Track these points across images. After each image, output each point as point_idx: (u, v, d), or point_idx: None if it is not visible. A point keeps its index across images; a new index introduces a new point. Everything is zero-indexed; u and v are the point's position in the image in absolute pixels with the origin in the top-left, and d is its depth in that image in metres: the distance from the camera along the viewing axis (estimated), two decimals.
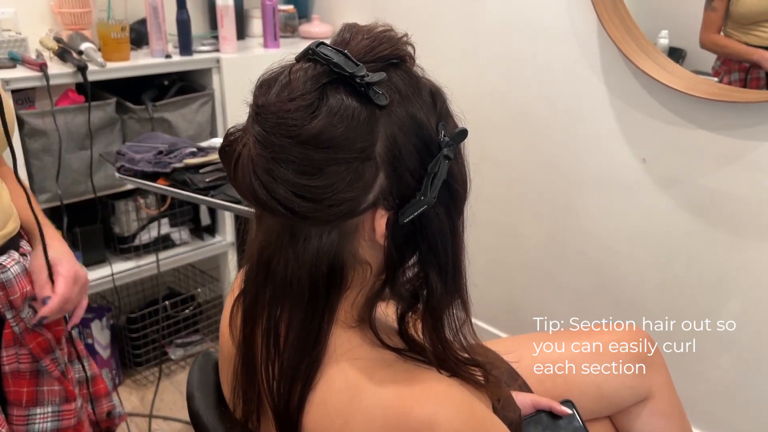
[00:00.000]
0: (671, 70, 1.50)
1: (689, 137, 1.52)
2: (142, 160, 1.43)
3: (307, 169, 0.58)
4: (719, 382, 1.62)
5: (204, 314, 2.30)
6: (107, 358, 2.02)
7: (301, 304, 0.64)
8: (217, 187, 1.38)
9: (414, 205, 0.61)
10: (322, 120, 0.57)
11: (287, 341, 0.65)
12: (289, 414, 0.65)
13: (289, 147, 0.57)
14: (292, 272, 0.63)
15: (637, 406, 1.11)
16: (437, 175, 0.61)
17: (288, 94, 0.58)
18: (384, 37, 0.62)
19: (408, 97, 0.62)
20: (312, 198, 0.58)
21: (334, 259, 0.63)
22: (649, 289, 1.70)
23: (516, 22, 1.79)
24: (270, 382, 0.66)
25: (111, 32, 1.80)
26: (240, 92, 0.64)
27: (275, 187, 0.58)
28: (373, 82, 0.58)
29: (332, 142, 0.57)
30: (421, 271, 0.66)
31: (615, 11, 1.55)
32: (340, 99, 0.58)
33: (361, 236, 0.63)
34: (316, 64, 0.59)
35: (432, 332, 0.68)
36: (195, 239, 2.14)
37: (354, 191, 0.59)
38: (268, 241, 0.65)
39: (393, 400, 0.61)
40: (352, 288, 0.66)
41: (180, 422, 1.95)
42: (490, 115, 1.90)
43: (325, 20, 2.36)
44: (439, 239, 0.65)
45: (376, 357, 0.66)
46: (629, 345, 1.09)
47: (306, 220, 0.60)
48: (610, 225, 1.74)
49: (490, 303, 2.03)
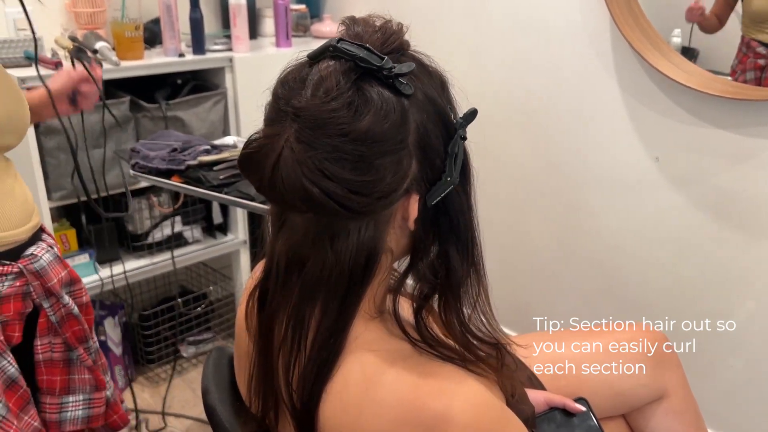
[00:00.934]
0: (685, 68, 1.49)
1: (703, 136, 1.52)
2: (156, 158, 1.44)
3: (359, 165, 0.59)
4: (731, 383, 1.61)
5: (216, 312, 2.31)
6: (120, 355, 2.03)
7: (336, 298, 0.65)
8: (231, 184, 1.38)
9: (441, 186, 0.64)
10: (370, 117, 0.58)
11: (315, 336, 0.66)
12: (307, 408, 0.65)
13: (341, 145, 0.58)
14: (331, 269, 0.64)
15: (651, 405, 1.11)
16: (458, 155, 0.64)
17: (325, 94, 0.58)
18: (389, 28, 0.65)
19: (424, 82, 0.64)
20: (365, 192, 0.59)
21: (371, 250, 0.64)
22: (659, 288, 1.69)
23: (528, 21, 1.79)
24: (290, 376, 0.67)
25: (125, 31, 1.82)
26: (252, 91, 0.65)
27: (329, 184, 0.58)
28: (403, 73, 0.60)
29: (380, 137, 0.59)
30: (442, 249, 0.68)
31: (628, 10, 1.54)
32: (378, 93, 0.59)
33: (392, 224, 0.65)
34: (340, 61, 0.60)
35: (451, 311, 0.69)
36: (207, 237, 2.15)
37: (396, 181, 0.61)
38: (302, 242, 0.65)
39: (407, 392, 0.62)
40: (377, 277, 0.67)
41: (191, 419, 1.96)
42: (500, 114, 1.90)
43: (337, 19, 2.36)
44: (459, 216, 0.67)
45: (394, 349, 0.66)
46: (644, 344, 1.08)
47: (357, 215, 0.60)
48: (621, 224, 1.73)
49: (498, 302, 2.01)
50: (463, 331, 0.70)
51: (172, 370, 2.13)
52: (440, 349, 0.68)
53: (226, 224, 2.18)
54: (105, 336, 1.99)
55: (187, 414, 1.98)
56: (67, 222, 1.89)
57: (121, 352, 2.05)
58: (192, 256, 2.09)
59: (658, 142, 1.61)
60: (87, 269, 1.88)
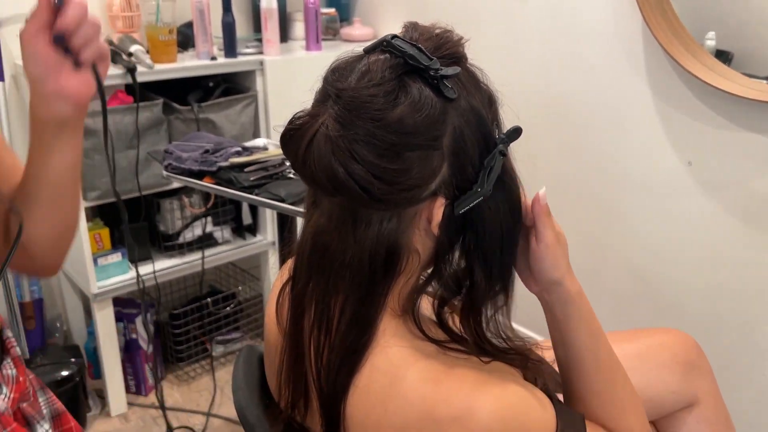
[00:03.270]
0: (721, 72, 1.47)
1: (737, 140, 1.49)
2: (189, 159, 1.47)
3: (387, 152, 0.60)
4: (765, 392, 1.58)
5: (244, 312, 2.34)
6: (150, 353, 2.07)
7: (358, 288, 0.66)
8: (262, 185, 1.40)
9: (470, 196, 0.64)
10: (405, 107, 0.60)
11: (339, 325, 0.67)
12: (334, 398, 0.66)
13: (373, 129, 0.60)
14: (351, 256, 0.65)
15: (682, 412, 1.09)
16: (493, 169, 0.64)
17: (368, 81, 0.61)
18: (446, 37, 0.66)
19: (471, 93, 0.65)
20: (388, 180, 0.60)
21: (393, 245, 0.65)
22: (693, 294, 1.67)
23: (559, 24, 1.78)
24: (318, 366, 0.68)
25: (159, 35, 1.85)
26: (283, 94, 0.67)
27: (354, 167, 0.60)
28: (448, 75, 0.61)
29: (412, 128, 0.60)
30: (468, 264, 0.68)
31: (661, 13, 1.53)
32: (418, 88, 0.61)
33: (416, 224, 0.66)
34: (391, 56, 0.62)
35: (469, 323, 0.70)
36: (236, 238, 2.18)
37: (423, 178, 0.62)
38: (326, 225, 0.67)
39: (431, 388, 0.63)
40: (402, 275, 0.67)
41: (220, 418, 1.98)
42: (532, 117, 1.89)
43: (366, 23, 2.38)
44: (489, 233, 0.67)
45: (419, 347, 0.67)
46: (674, 349, 1.07)
47: (378, 203, 0.62)
48: (653, 229, 1.72)
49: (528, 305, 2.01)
50: (482, 342, 0.70)
51: (212, 366, 2.16)
52: (465, 346, 0.69)
53: (255, 225, 2.21)
54: (136, 334, 2.03)
55: (216, 413, 2.01)
56: (101, 221, 1.93)
57: (152, 350, 2.08)
58: (221, 257, 2.12)
59: (691, 146, 1.59)
60: (119, 268, 1.92)
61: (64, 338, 2.17)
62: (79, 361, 1.93)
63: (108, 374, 1.96)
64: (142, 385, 2.08)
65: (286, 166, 1.47)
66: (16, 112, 1.96)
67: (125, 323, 2.03)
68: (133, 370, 2.06)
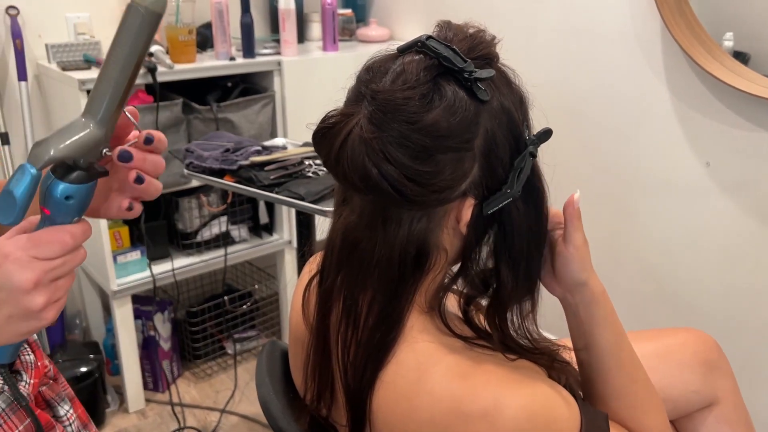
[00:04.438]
0: (740, 72, 1.47)
1: (756, 140, 1.49)
2: (209, 158, 1.48)
3: (420, 155, 0.61)
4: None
5: (260, 311, 2.35)
6: (168, 350, 2.09)
7: (387, 285, 0.66)
8: (282, 184, 1.41)
9: (500, 197, 0.65)
10: (439, 111, 0.61)
11: (367, 321, 0.67)
12: (361, 392, 0.67)
13: (407, 132, 0.60)
14: (381, 254, 0.66)
15: (702, 412, 1.09)
16: (523, 170, 0.65)
17: (403, 83, 0.61)
18: (480, 37, 0.67)
19: (504, 94, 0.65)
20: (420, 182, 0.61)
21: (423, 244, 0.65)
22: (711, 295, 1.66)
23: (577, 24, 1.78)
24: (345, 361, 0.69)
25: (179, 35, 1.87)
26: (300, 93, 0.68)
27: (388, 168, 0.61)
28: (482, 78, 0.62)
29: (446, 132, 0.61)
30: (495, 264, 0.69)
31: (680, 12, 1.53)
32: (453, 91, 0.61)
33: (445, 224, 0.66)
34: (426, 56, 0.62)
35: (495, 322, 0.70)
36: (253, 237, 2.20)
37: (454, 179, 0.63)
38: (357, 223, 0.67)
39: (458, 384, 0.63)
40: (430, 273, 0.68)
41: (236, 415, 2.00)
42: (550, 116, 1.89)
43: (383, 24, 2.39)
44: (517, 234, 0.67)
45: (446, 343, 0.68)
46: (695, 349, 1.07)
47: (410, 203, 0.62)
48: (671, 229, 1.71)
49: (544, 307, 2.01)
50: (506, 340, 0.71)
51: (234, 364, 2.17)
52: (492, 342, 0.69)
53: (272, 224, 2.22)
54: (154, 331, 2.05)
55: (231, 410, 2.02)
56: (121, 221, 1.95)
57: (170, 347, 2.10)
58: (238, 255, 2.13)
59: (709, 147, 1.58)
60: (138, 265, 1.94)
61: (83, 334, 2.20)
62: (98, 358, 1.95)
63: (126, 371, 1.98)
64: (160, 381, 2.10)
65: (305, 165, 1.48)
66: (39, 111, 1.99)
67: (143, 320, 2.05)
68: (150, 366, 2.09)
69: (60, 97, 1.88)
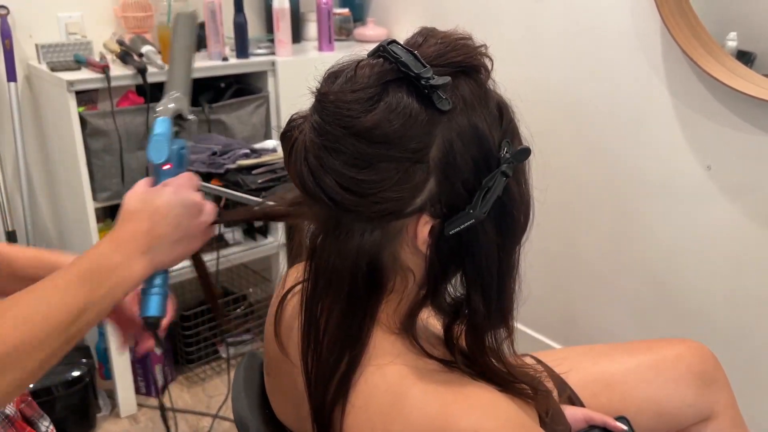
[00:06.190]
0: (741, 73, 1.43)
1: (758, 143, 1.45)
2: (196, 161, 1.46)
3: (357, 162, 0.57)
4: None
5: (255, 314, 2.33)
6: (161, 355, 2.06)
7: (341, 298, 0.63)
8: (269, 188, 1.39)
9: (461, 217, 0.60)
10: (377, 114, 0.57)
11: (325, 335, 0.64)
12: (326, 414, 0.64)
13: (342, 137, 0.57)
14: (333, 264, 0.62)
15: (697, 426, 1.05)
16: (491, 191, 0.59)
17: (351, 86, 0.58)
18: (459, 44, 0.61)
19: (473, 107, 0.60)
20: (357, 192, 0.58)
21: (375, 259, 0.62)
22: (714, 302, 1.63)
23: (577, 25, 1.74)
24: (308, 374, 0.66)
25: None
26: (295, 95, 0.65)
27: (322, 175, 0.58)
28: (438, 85, 0.57)
29: (385, 138, 0.57)
30: (466, 291, 0.64)
31: (681, 13, 1.49)
32: (400, 97, 0.57)
33: (404, 240, 0.62)
34: (384, 61, 0.59)
35: (472, 349, 0.67)
36: (247, 239, 2.17)
37: (401, 192, 0.58)
38: (314, 229, 0.65)
39: (437, 410, 0.59)
40: (395, 293, 0.64)
41: (229, 421, 1.97)
42: (550, 120, 1.86)
43: (380, 23, 2.36)
44: (485, 259, 0.62)
45: (420, 366, 0.64)
46: (690, 361, 1.04)
47: (348, 213, 0.59)
48: (671, 233, 1.67)
49: (545, 312, 1.98)
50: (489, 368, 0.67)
51: (211, 370, 2.15)
52: (474, 367, 0.66)
53: (266, 227, 2.20)
54: None
55: (225, 415, 2.00)
56: (111, 222, 1.92)
57: (162, 352, 2.07)
58: (232, 258, 2.10)
59: (710, 150, 1.54)
60: None
61: None
62: (89, 362, 1.93)
63: (118, 375, 1.95)
64: (152, 386, 2.07)
65: None
66: (29, 112, 1.96)
67: None
68: (143, 371, 2.06)
69: (50, 98, 1.86)
